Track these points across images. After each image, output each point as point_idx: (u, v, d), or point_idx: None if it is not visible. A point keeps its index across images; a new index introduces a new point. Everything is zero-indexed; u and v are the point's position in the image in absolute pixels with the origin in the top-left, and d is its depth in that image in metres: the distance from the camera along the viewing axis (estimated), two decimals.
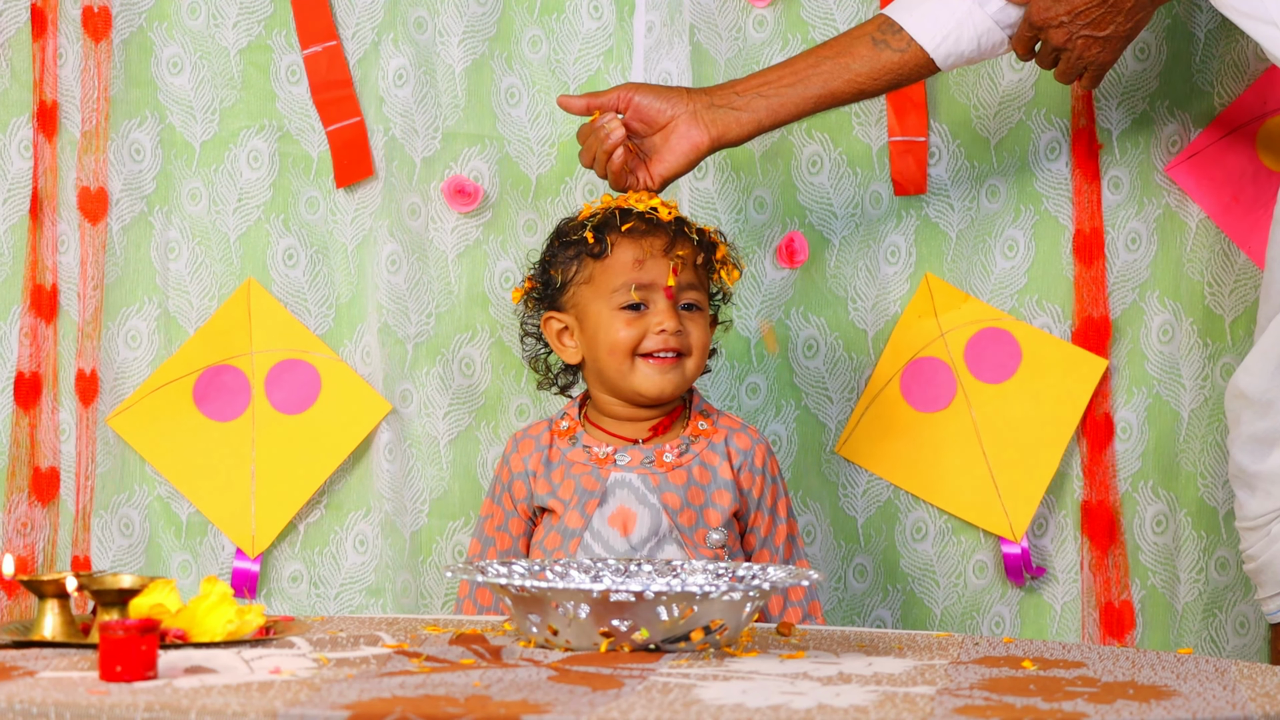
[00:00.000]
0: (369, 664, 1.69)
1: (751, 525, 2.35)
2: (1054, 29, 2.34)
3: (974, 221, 2.67)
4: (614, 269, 2.33)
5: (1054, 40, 2.35)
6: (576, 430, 2.35)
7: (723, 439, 2.34)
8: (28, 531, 2.54)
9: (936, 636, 1.99)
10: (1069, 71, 2.39)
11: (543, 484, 2.33)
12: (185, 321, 2.58)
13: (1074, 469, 2.67)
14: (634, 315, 2.32)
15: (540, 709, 1.46)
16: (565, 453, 2.33)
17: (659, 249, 2.32)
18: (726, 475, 2.32)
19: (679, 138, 2.38)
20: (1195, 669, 1.77)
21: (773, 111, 2.39)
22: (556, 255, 2.38)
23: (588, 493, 2.30)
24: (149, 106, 2.57)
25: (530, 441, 2.36)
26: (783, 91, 2.39)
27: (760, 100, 2.39)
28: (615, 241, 2.33)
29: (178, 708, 1.46)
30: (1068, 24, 2.33)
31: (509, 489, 2.35)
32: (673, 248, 2.32)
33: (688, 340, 2.32)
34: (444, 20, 2.60)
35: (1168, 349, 2.67)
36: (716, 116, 2.39)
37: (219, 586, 1.87)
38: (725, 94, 2.40)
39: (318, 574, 2.59)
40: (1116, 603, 2.65)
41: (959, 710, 1.50)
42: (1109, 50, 2.36)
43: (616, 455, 2.32)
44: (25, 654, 1.75)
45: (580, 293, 2.35)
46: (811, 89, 2.39)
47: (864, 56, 2.38)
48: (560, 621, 1.81)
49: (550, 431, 2.36)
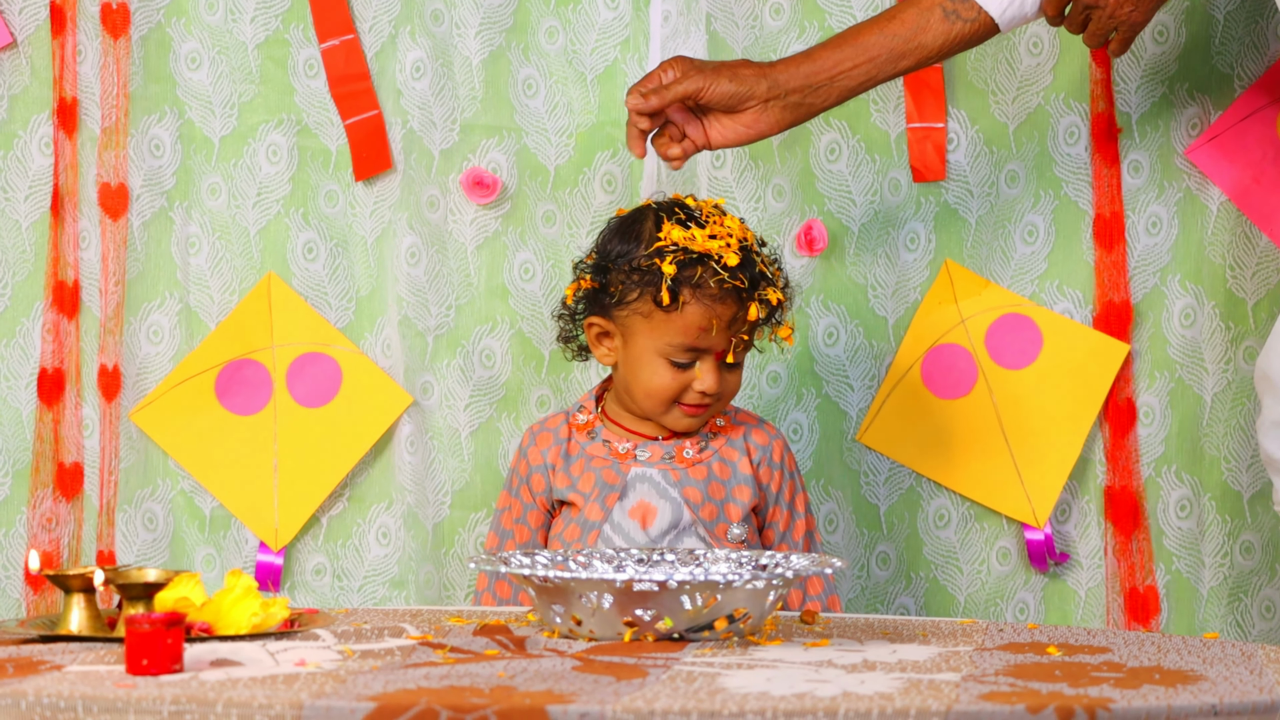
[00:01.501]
0: (394, 655, 1.70)
1: (770, 520, 2.35)
2: None
3: (993, 207, 2.66)
4: (676, 326, 2.24)
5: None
6: (595, 425, 2.35)
7: (741, 435, 2.34)
8: (53, 527, 2.55)
9: (961, 623, 1.99)
10: (1099, 33, 2.35)
11: (562, 477, 2.33)
12: (206, 316, 2.59)
13: (1096, 454, 2.66)
14: (679, 370, 2.27)
15: (565, 699, 1.46)
16: (585, 446, 2.33)
17: (726, 319, 2.27)
18: (746, 470, 2.32)
19: (747, 123, 2.34)
20: (1221, 653, 1.77)
21: (844, 95, 2.35)
22: (621, 270, 2.27)
23: (608, 486, 2.30)
24: (168, 102, 2.58)
25: (548, 435, 2.35)
26: (856, 76, 2.34)
27: (833, 90, 2.34)
28: (685, 301, 2.26)
29: (204, 700, 1.46)
30: None
31: (527, 481, 2.35)
32: (738, 322, 2.27)
33: (724, 391, 2.30)
34: (461, 12, 2.60)
35: (1190, 333, 2.67)
36: (789, 110, 2.34)
37: (243, 580, 1.87)
38: (802, 89, 2.33)
39: (341, 566, 2.60)
40: (1141, 588, 2.64)
41: (984, 696, 1.50)
42: (1141, 8, 2.32)
43: (636, 450, 2.32)
44: (52, 648, 1.76)
45: (635, 321, 2.27)
46: (884, 72, 2.35)
47: (937, 31, 2.33)
48: (584, 611, 1.81)
49: (568, 425, 2.35)
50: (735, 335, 2.26)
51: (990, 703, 1.47)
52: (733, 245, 2.24)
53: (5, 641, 1.80)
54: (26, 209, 2.57)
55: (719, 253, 2.23)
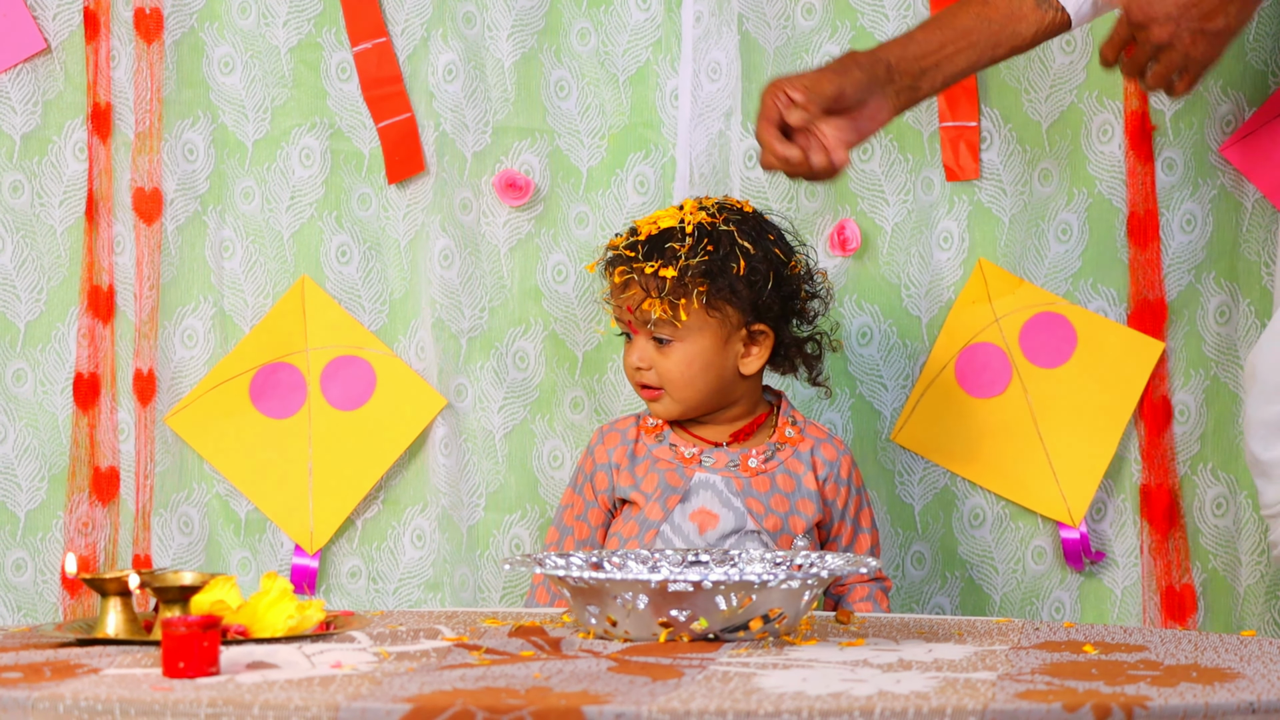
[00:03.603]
0: (429, 657, 1.70)
1: (834, 535, 2.35)
2: (1158, 25, 2.21)
3: (1027, 206, 2.66)
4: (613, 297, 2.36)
5: (1156, 37, 2.22)
6: (664, 429, 2.36)
7: (809, 449, 2.34)
8: (89, 531, 2.56)
9: (996, 622, 1.98)
10: (1165, 74, 2.25)
11: (626, 476, 2.34)
12: (240, 320, 2.60)
13: (1132, 453, 2.65)
14: (628, 344, 2.35)
15: (601, 699, 1.46)
16: (651, 449, 2.34)
17: (619, 285, 2.33)
18: (811, 485, 2.32)
19: (869, 115, 2.29)
20: (1259, 651, 1.76)
21: (949, 80, 2.31)
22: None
23: (671, 488, 2.31)
24: (201, 106, 2.59)
25: (616, 434, 2.37)
26: (959, 62, 2.29)
27: (939, 74, 2.29)
28: (609, 270, 2.35)
29: (241, 703, 1.46)
30: (1175, 18, 2.20)
31: (591, 479, 2.36)
32: (629, 284, 2.33)
33: (652, 375, 2.32)
34: (493, 15, 2.60)
35: (1225, 330, 2.66)
36: (903, 95, 2.30)
37: (279, 582, 1.88)
38: (914, 73, 2.28)
39: (376, 569, 2.60)
40: (1177, 586, 2.63)
41: (1021, 695, 1.49)
42: (1215, 46, 2.22)
43: (702, 456, 2.33)
44: (89, 651, 1.76)
45: None
46: (984, 58, 2.30)
47: (1031, 19, 2.29)
48: (619, 612, 1.82)
49: (637, 427, 2.37)
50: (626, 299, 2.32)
51: (1027, 701, 1.46)
52: (660, 223, 2.32)
53: (42, 645, 1.81)
54: (61, 214, 2.58)
55: (640, 225, 2.34)
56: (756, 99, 2.33)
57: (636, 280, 2.30)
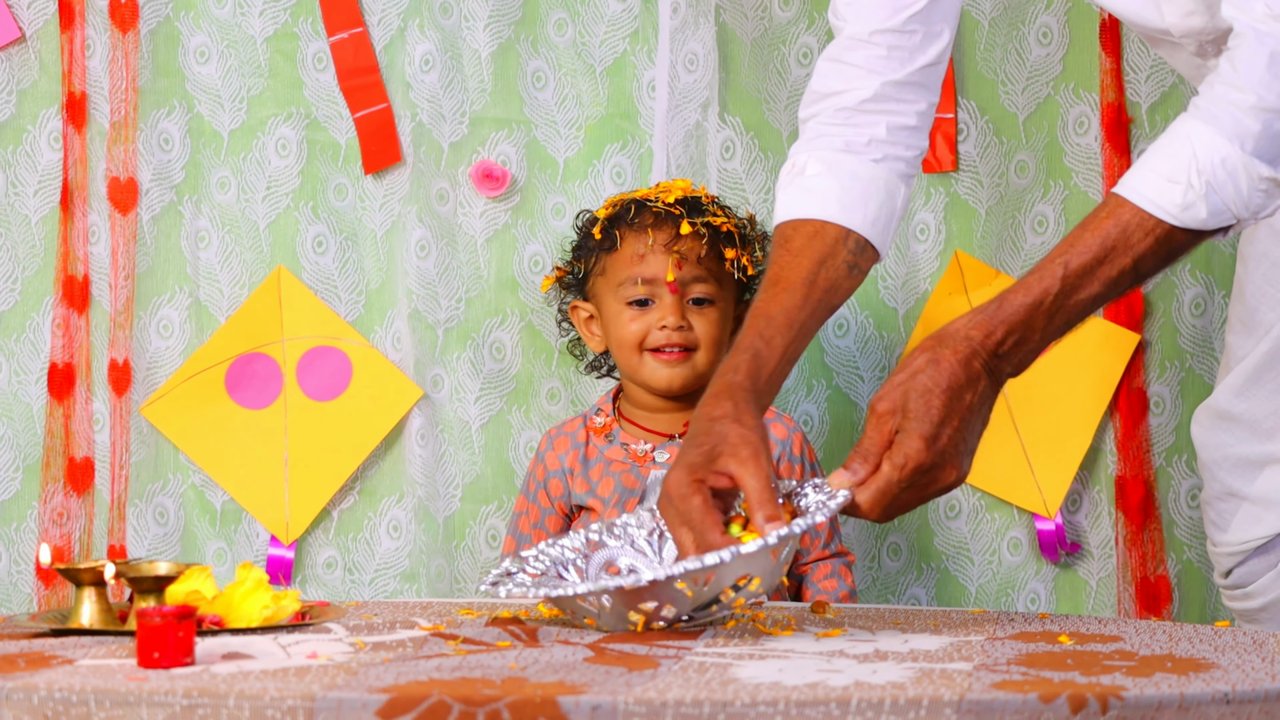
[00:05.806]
0: (405, 647, 1.70)
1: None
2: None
3: (1003, 198, 2.66)
4: (620, 263, 2.35)
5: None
6: (613, 427, 2.35)
7: None
8: (64, 521, 2.55)
9: (972, 613, 1.98)
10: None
11: (581, 482, 2.33)
12: (216, 310, 2.59)
13: (1107, 444, 2.66)
14: (640, 311, 2.33)
15: (577, 690, 1.46)
16: (603, 450, 2.33)
17: (661, 243, 2.32)
18: None
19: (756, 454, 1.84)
20: (1233, 641, 1.76)
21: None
22: (579, 245, 2.42)
23: (628, 490, 2.30)
24: (177, 96, 2.58)
25: (565, 438, 2.36)
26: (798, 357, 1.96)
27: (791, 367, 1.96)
28: (623, 235, 2.34)
29: (216, 693, 1.46)
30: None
31: (545, 486, 2.35)
32: (675, 241, 2.32)
33: (694, 335, 2.32)
34: (470, 5, 2.60)
35: (1200, 322, 2.66)
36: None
37: (255, 573, 1.87)
38: (768, 395, 1.90)
39: (352, 560, 2.60)
40: (1152, 577, 2.64)
41: (996, 685, 1.49)
42: None
43: (655, 453, 2.32)
44: (63, 642, 1.76)
45: (597, 284, 2.38)
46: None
47: (845, 290, 2.01)
48: (591, 615, 1.81)
49: (585, 428, 2.36)
50: (673, 256, 2.31)
51: (1002, 692, 1.46)
52: (672, 192, 2.35)
53: (16, 635, 1.80)
54: (36, 204, 2.57)
55: (655, 195, 2.35)
56: (734, 90, 2.33)
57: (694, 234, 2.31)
